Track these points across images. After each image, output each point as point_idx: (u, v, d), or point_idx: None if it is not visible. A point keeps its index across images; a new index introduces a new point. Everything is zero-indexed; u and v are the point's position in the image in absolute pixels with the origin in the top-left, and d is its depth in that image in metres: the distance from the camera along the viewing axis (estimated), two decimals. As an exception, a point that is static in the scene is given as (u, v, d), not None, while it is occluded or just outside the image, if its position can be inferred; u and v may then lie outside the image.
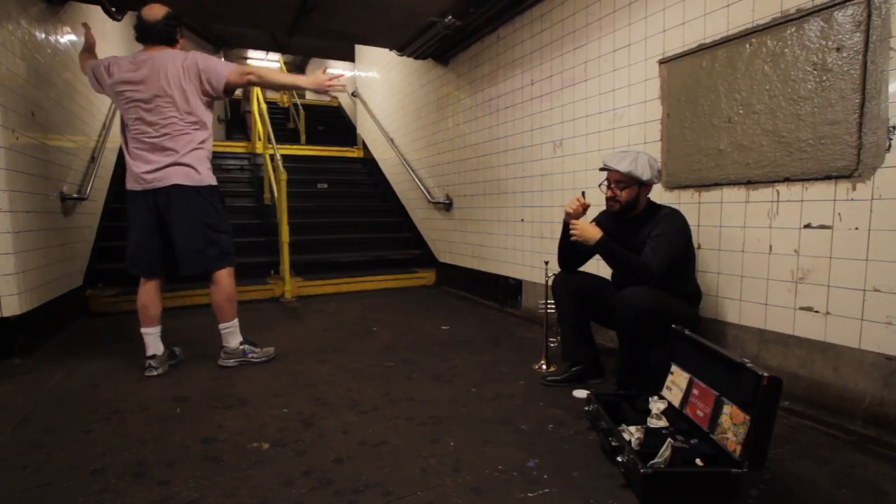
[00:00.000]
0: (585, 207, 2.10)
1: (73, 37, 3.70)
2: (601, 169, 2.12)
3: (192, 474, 1.49)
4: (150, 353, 2.40)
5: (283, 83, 2.73)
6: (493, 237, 3.99)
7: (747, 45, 2.05)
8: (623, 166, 2.00)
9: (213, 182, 2.41)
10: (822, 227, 1.85)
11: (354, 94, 7.28)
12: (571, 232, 2.07)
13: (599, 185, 2.16)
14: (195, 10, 3.99)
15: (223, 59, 2.63)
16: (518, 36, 3.51)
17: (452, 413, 1.93)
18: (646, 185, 2.07)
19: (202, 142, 2.37)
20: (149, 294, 2.40)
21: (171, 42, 2.38)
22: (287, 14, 3.70)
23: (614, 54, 2.72)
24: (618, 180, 2.06)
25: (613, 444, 1.51)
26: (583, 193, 2.13)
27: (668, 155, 2.42)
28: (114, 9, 3.53)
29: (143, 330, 2.40)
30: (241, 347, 2.51)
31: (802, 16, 1.86)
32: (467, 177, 4.33)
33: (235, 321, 2.51)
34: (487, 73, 3.91)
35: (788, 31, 1.91)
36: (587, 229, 2.03)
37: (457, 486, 1.42)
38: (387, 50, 4.81)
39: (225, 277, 2.45)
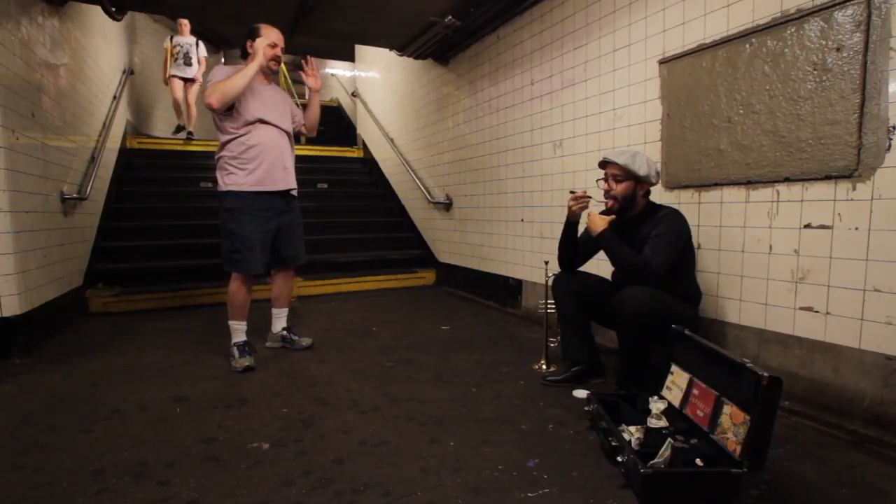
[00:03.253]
0: (588, 199, 2.13)
1: (73, 37, 3.70)
2: (599, 164, 2.15)
3: (192, 474, 1.49)
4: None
5: (242, 85, 2.36)
6: (493, 237, 3.99)
7: (747, 45, 2.05)
8: (620, 160, 2.03)
9: (224, 188, 2.47)
10: (822, 227, 1.85)
11: (354, 94, 7.28)
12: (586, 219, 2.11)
13: (597, 182, 2.16)
14: (195, 10, 4.00)
15: (223, 66, 2.64)
16: (518, 36, 3.51)
17: (452, 413, 1.93)
18: (642, 183, 2.07)
19: (219, 150, 2.51)
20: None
21: (244, 56, 2.59)
22: (287, 14, 3.70)
23: (614, 54, 2.72)
24: (615, 174, 2.08)
25: (613, 444, 1.51)
26: (584, 191, 2.16)
27: (668, 155, 2.42)
28: (114, 9, 3.53)
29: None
30: (231, 350, 2.53)
31: (802, 16, 1.86)
32: (467, 177, 4.33)
33: (231, 323, 2.55)
34: (487, 73, 3.91)
35: (788, 31, 1.91)
36: (595, 219, 2.06)
37: (457, 486, 1.42)
38: (387, 50, 4.81)
39: (230, 280, 2.55)
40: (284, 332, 2.84)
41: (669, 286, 1.97)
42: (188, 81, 6.10)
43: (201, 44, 6.23)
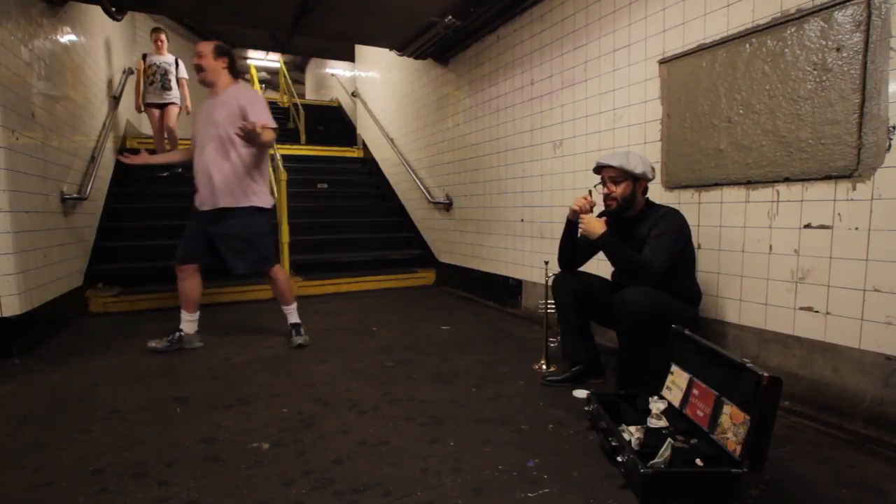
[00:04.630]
0: (592, 205, 2.12)
1: (73, 37, 3.70)
2: (594, 170, 2.15)
3: (192, 474, 1.49)
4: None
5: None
6: (493, 237, 3.99)
7: (747, 45, 2.05)
8: (615, 161, 2.04)
9: None
10: (822, 227, 1.85)
11: (354, 94, 7.28)
12: (580, 224, 2.10)
13: (595, 186, 2.17)
14: (195, 10, 3.99)
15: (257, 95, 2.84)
16: (518, 36, 3.51)
17: (452, 413, 1.93)
18: (640, 181, 2.08)
19: None
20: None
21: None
22: (287, 14, 3.70)
23: (614, 54, 2.72)
24: (612, 176, 2.08)
25: (613, 444, 1.51)
26: (590, 192, 2.16)
27: (668, 155, 2.42)
28: (114, 9, 3.53)
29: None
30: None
31: (802, 16, 1.86)
32: (467, 177, 4.33)
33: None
34: (487, 73, 3.91)
35: (788, 31, 1.91)
36: (593, 223, 2.06)
37: (457, 486, 1.42)
38: (387, 50, 4.81)
39: None
40: (289, 327, 2.94)
41: (669, 286, 1.97)
42: (166, 107, 5.13)
43: (181, 63, 5.23)
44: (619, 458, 1.48)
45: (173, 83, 5.13)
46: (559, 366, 2.33)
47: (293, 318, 2.94)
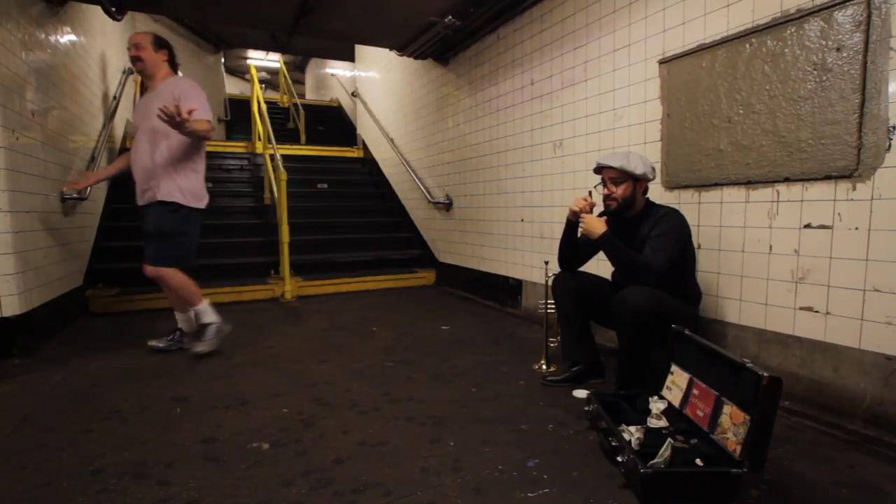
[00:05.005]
0: (591, 206, 2.12)
1: (73, 37, 3.70)
2: (595, 170, 2.15)
3: (192, 474, 1.49)
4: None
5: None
6: (493, 237, 3.99)
7: (747, 45, 2.05)
8: (615, 162, 2.04)
9: None
10: (822, 227, 1.85)
11: (354, 94, 7.28)
12: (580, 224, 2.10)
13: (595, 187, 2.17)
14: (195, 10, 3.99)
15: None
16: (518, 36, 3.51)
17: (452, 413, 1.93)
18: (641, 181, 2.08)
19: None
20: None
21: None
22: (287, 14, 3.70)
23: (614, 54, 2.72)
24: (613, 177, 2.09)
25: (613, 444, 1.51)
26: (590, 193, 2.16)
27: (668, 155, 2.42)
28: (114, 9, 3.53)
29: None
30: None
31: (802, 16, 1.86)
32: (467, 177, 4.33)
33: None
34: (487, 73, 3.91)
35: (788, 31, 1.91)
36: (593, 222, 2.06)
37: (457, 486, 1.42)
38: (387, 50, 4.81)
39: None
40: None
41: (669, 286, 1.98)
42: None
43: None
44: (619, 458, 1.48)
45: None
46: (559, 366, 2.33)
47: (205, 317, 2.69)
